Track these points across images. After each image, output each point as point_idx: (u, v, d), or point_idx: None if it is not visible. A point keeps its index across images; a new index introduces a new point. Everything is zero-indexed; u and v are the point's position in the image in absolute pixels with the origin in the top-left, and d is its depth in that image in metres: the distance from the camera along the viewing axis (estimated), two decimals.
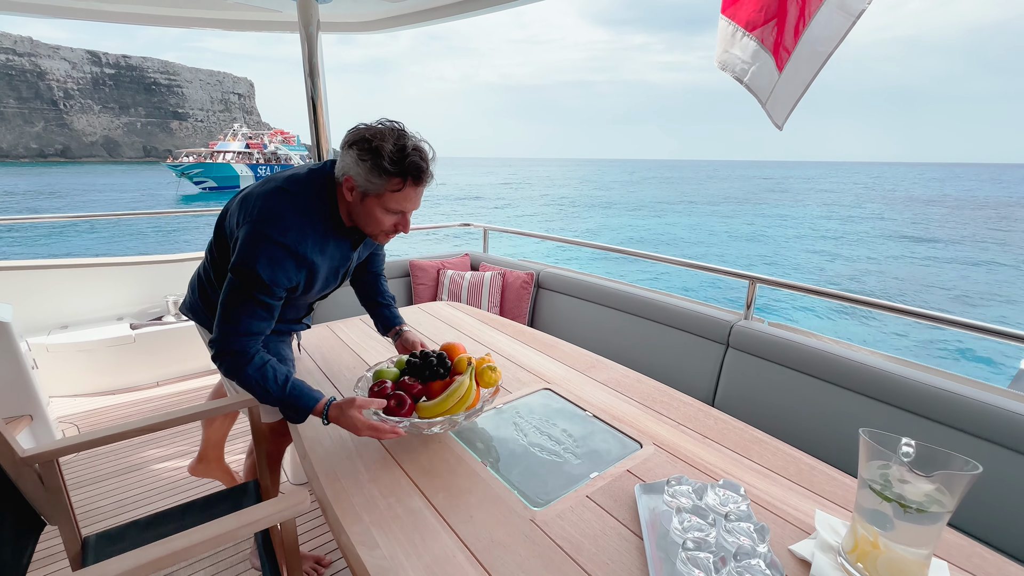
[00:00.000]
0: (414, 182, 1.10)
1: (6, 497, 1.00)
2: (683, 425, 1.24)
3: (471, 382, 1.13)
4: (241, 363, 1.08)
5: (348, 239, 1.26)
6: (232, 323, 1.08)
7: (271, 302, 1.11)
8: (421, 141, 1.12)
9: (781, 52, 1.34)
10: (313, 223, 1.14)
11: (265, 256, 1.07)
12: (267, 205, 1.11)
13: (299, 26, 2.43)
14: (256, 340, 1.12)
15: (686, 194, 47.90)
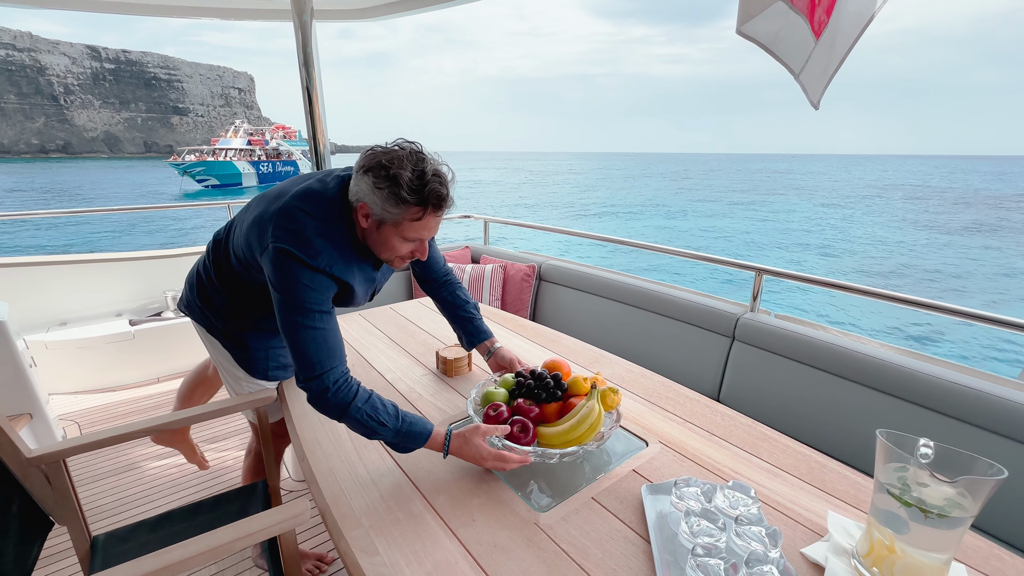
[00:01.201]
0: (434, 210, 1.03)
1: (12, 498, 0.99)
2: (689, 422, 1.21)
3: (600, 407, 1.03)
4: (345, 399, 0.98)
5: (369, 261, 1.18)
6: (309, 356, 1.00)
7: (326, 312, 1.05)
8: (441, 164, 1.04)
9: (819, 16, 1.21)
10: (340, 248, 1.07)
11: (303, 281, 1.01)
12: (292, 229, 1.03)
13: (292, 14, 2.38)
14: (342, 361, 1.04)
15: (711, 191, 47.40)
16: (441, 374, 1.46)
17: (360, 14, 2.85)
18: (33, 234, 20.32)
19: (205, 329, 1.37)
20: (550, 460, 0.98)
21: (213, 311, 1.33)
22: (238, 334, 1.34)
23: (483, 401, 1.12)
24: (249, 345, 1.35)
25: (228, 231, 1.28)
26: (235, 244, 1.19)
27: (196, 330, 1.42)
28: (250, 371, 1.37)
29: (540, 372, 1.13)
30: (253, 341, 1.36)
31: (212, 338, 1.37)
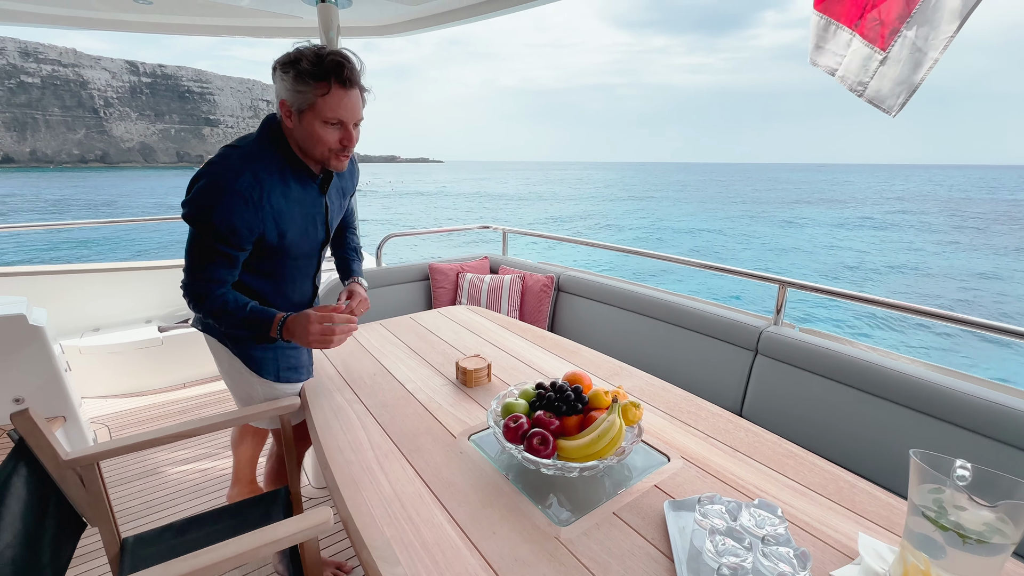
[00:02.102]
0: (339, 82, 1.11)
1: (50, 499, 1.02)
2: (712, 437, 1.19)
3: (621, 421, 1.02)
4: (204, 300, 1.18)
5: (313, 182, 1.28)
6: (197, 271, 1.17)
7: (233, 253, 1.17)
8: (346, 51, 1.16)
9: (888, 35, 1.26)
10: (268, 168, 1.17)
11: (221, 206, 1.10)
12: (218, 159, 1.16)
13: (320, 31, 2.46)
14: (221, 286, 1.19)
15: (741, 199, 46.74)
16: (460, 384, 1.46)
17: (383, 30, 2.93)
18: (69, 241, 21.16)
19: (216, 339, 1.39)
20: (570, 474, 0.97)
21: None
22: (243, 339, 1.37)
23: (503, 412, 1.12)
24: (252, 343, 1.38)
25: None
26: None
27: (210, 346, 1.43)
28: (261, 373, 1.39)
29: (561, 384, 1.13)
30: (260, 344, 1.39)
31: (223, 347, 1.38)
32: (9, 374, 2.12)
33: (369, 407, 1.32)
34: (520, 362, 1.64)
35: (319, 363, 1.62)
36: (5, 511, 0.89)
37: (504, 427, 1.05)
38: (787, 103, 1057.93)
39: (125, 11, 2.49)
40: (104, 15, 2.53)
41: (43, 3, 2.38)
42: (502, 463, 1.08)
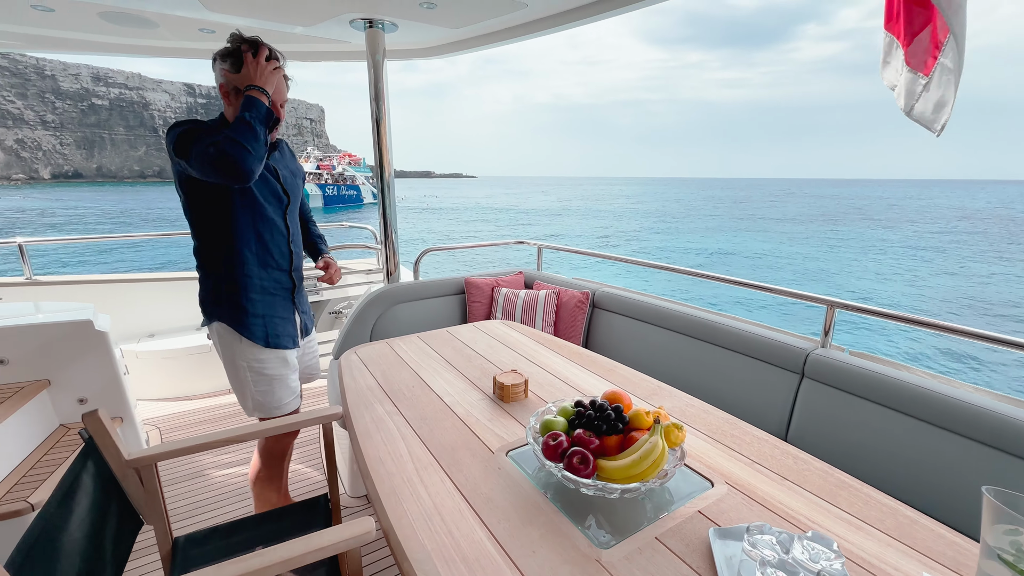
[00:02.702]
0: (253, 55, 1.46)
1: (113, 496, 1.08)
2: (758, 463, 1.15)
3: (664, 443, 1.00)
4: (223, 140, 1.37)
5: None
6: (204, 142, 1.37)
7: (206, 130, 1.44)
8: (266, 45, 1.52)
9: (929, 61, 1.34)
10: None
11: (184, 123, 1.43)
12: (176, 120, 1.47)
13: (367, 54, 2.57)
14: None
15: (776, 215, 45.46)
16: (497, 399, 1.47)
17: (425, 52, 3.03)
18: (129, 252, 22.56)
19: (209, 319, 1.62)
20: (610, 495, 0.96)
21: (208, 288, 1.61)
22: (235, 302, 1.58)
23: (542, 429, 1.12)
24: (248, 311, 1.59)
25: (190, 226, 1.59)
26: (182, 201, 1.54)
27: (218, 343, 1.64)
28: (252, 338, 1.59)
29: (600, 403, 1.11)
30: (251, 307, 1.60)
31: (217, 325, 1.60)
32: (75, 375, 2.26)
33: (408, 419, 1.34)
34: (556, 379, 1.63)
35: (359, 373, 1.66)
36: (75, 505, 0.95)
37: (543, 444, 1.05)
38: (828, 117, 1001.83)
39: (192, 40, 2.68)
40: (174, 44, 2.74)
41: (122, 34, 2.60)
42: (540, 480, 1.07)
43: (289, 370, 1.70)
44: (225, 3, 2.16)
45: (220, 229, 1.53)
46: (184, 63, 66.99)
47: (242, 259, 1.57)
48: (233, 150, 1.35)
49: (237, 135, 1.37)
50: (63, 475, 0.97)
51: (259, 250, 1.59)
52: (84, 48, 2.84)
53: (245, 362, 1.61)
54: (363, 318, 2.51)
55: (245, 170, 1.37)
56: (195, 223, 1.55)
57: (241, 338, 1.59)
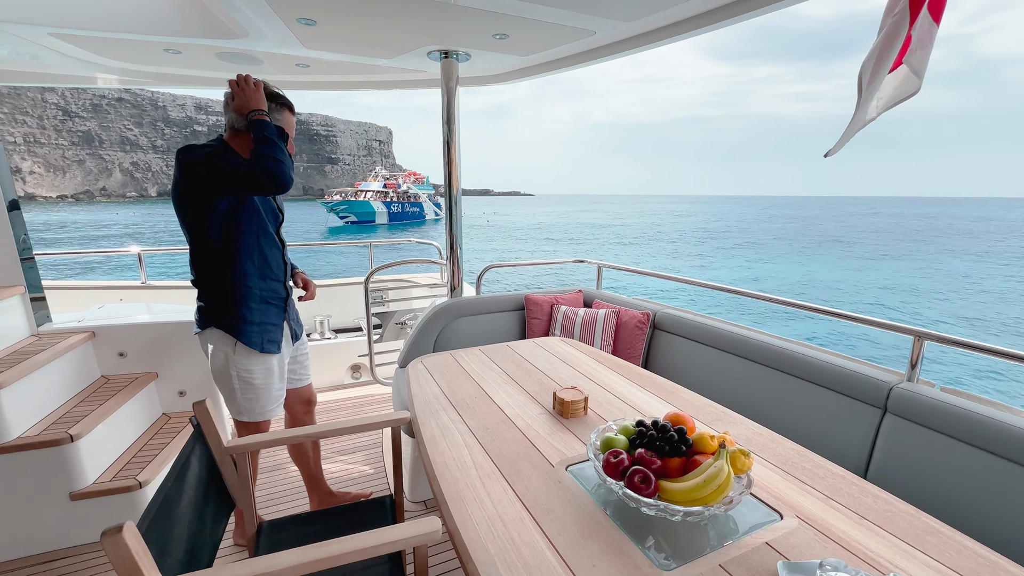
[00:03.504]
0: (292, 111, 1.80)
1: (213, 479, 1.22)
2: (833, 499, 1.09)
3: (729, 468, 0.99)
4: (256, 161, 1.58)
5: None
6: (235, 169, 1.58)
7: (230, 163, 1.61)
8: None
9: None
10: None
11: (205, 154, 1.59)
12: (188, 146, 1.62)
13: (441, 82, 2.74)
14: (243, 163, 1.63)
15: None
16: (557, 415, 1.49)
17: (495, 79, 3.18)
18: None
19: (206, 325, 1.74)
20: (672, 517, 0.95)
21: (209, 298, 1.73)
22: (236, 311, 1.72)
23: (603, 447, 1.13)
24: (246, 319, 1.73)
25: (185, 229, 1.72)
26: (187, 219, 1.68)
27: (200, 342, 1.80)
28: (249, 344, 1.73)
29: (663, 424, 1.11)
30: (249, 315, 1.73)
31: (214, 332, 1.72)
32: (177, 370, 2.54)
33: (472, 428, 1.40)
34: (616, 398, 1.63)
35: (425, 381, 1.75)
36: (185, 483, 1.08)
37: (604, 461, 1.06)
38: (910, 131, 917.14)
39: (289, 73, 3.01)
40: (274, 77, 3.08)
41: (232, 71, 2.95)
42: (600, 497, 1.08)
43: (274, 379, 1.83)
44: (320, 42, 2.41)
45: (226, 243, 1.68)
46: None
47: (245, 271, 1.72)
48: (272, 164, 1.57)
49: (268, 150, 1.57)
50: (177, 455, 1.10)
51: (260, 263, 1.76)
52: (200, 83, 3.26)
53: (235, 371, 1.74)
54: (428, 330, 2.62)
55: (285, 179, 1.60)
56: (200, 238, 1.68)
57: (236, 344, 1.72)
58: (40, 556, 1.92)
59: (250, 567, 0.86)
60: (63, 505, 1.92)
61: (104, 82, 3.21)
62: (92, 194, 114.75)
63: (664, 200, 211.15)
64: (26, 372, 1.94)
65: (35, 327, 2.32)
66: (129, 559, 0.76)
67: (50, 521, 1.92)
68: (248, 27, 2.19)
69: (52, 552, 1.94)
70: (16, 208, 2.22)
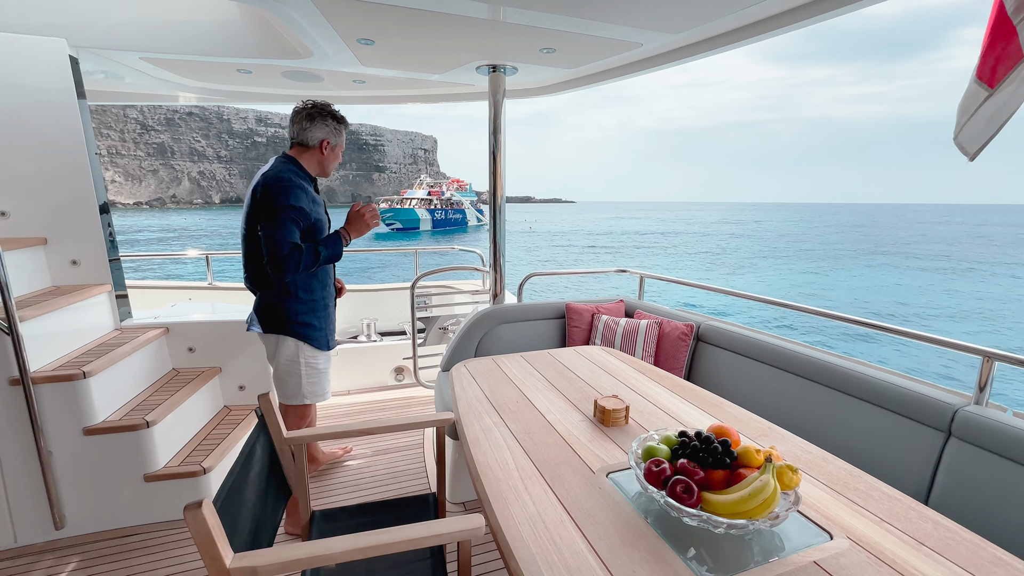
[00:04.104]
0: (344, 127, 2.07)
1: (275, 467, 1.32)
2: (888, 523, 1.05)
3: (776, 483, 0.97)
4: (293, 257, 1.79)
5: (312, 185, 2.00)
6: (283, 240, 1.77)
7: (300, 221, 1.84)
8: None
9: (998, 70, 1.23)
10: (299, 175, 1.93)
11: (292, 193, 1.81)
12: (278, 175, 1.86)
13: (489, 95, 2.82)
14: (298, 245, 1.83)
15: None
16: (598, 423, 1.50)
17: (541, 91, 3.24)
18: None
19: (279, 335, 1.98)
20: (716, 529, 0.95)
21: (281, 311, 1.96)
22: (306, 322, 1.99)
23: (644, 455, 1.14)
24: (313, 325, 2.02)
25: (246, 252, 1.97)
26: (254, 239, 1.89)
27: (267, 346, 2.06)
28: (319, 347, 2.05)
29: (707, 435, 1.11)
30: (317, 323, 2.03)
31: (287, 339, 1.98)
32: (238, 366, 2.72)
33: (513, 431, 1.43)
34: (658, 408, 1.62)
35: (468, 385, 1.80)
36: (251, 469, 1.18)
37: (646, 470, 1.07)
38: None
39: (347, 89, 3.19)
40: (332, 93, 3.28)
41: (294, 87, 3.17)
42: (640, 505, 1.09)
43: (330, 366, 2.17)
44: (377, 60, 2.55)
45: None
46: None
47: (311, 285, 2.00)
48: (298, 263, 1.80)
49: (307, 259, 1.83)
50: (244, 442, 1.20)
51: (322, 273, 2.06)
52: (267, 100, 3.50)
53: (304, 360, 2.03)
54: (470, 335, 2.69)
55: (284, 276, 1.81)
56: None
57: (306, 348, 2.02)
58: (118, 531, 2.10)
59: (309, 549, 0.93)
60: (138, 485, 2.10)
61: (183, 99, 3.52)
62: (164, 201, 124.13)
63: (711, 207, 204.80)
64: (111, 363, 2.14)
65: (119, 322, 2.56)
66: (206, 532, 0.85)
67: (127, 499, 2.11)
68: (313, 48, 2.35)
69: (128, 528, 2.12)
70: (106, 212, 2.47)
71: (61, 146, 2.30)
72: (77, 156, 2.32)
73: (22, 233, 2.30)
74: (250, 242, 1.92)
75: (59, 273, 2.41)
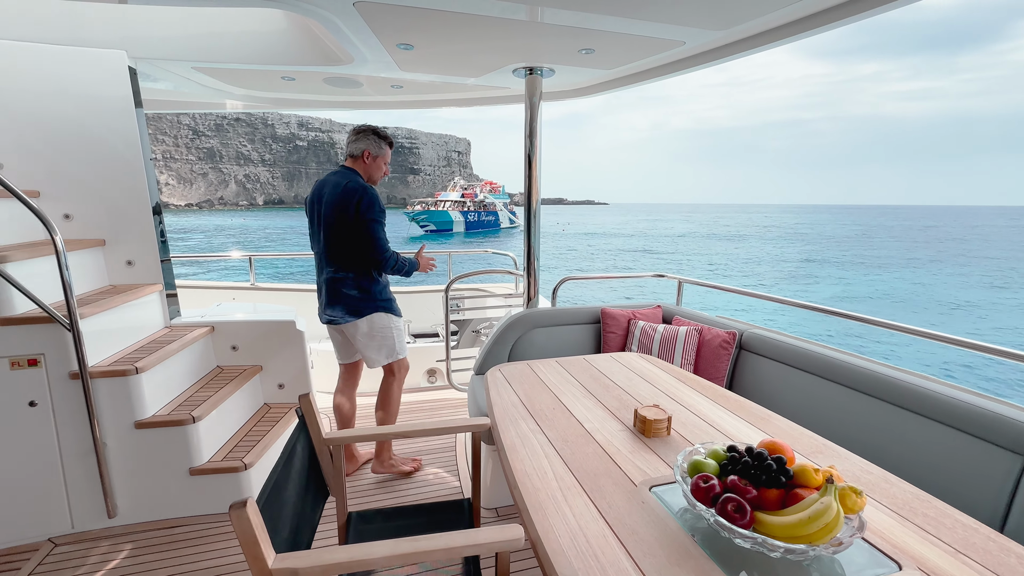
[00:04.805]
0: (390, 146, 2.44)
1: (314, 467, 1.33)
2: (963, 554, 0.96)
3: (839, 506, 0.90)
4: (393, 257, 2.36)
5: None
6: (386, 243, 2.33)
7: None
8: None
9: None
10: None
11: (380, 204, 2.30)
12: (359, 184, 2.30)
13: (525, 97, 2.81)
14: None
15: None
16: (638, 432, 1.45)
17: (577, 93, 3.20)
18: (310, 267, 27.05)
19: (358, 318, 2.39)
20: (772, 553, 0.89)
21: (369, 295, 2.39)
22: (387, 297, 2.48)
23: (691, 470, 1.08)
24: (391, 299, 2.50)
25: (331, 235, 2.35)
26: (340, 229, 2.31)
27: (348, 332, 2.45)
28: (398, 315, 2.53)
29: (759, 451, 1.04)
30: (391, 297, 2.50)
31: (379, 314, 2.42)
32: (278, 364, 2.80)
33: (551, 439, 1.40)
34: (701, 420, 1.56)
35: (504, 389, 1.78)
36: (292, 469, 1.19)
37: (693, 485, 1.02)
38: None
39: (385, 94, 3.25)
40: (371, 98, 3.34)
41: (335, 93, 3.25)
42: (687, 522, 1.04)
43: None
44: (416, 65, 2.58)
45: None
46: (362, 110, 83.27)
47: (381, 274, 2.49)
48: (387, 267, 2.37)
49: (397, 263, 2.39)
50: (286, 442, 1.22)
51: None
52: (310, 105, 3.61)
53: (394, 328, 2.50)
54: (503, 339, 2.67)
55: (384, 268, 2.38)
56: (358, 253, 2.33)
57: (393, 317, 2.49)
58: (164, 522, 2.19)
59: (349, 553, 0.93)
60: (184, 479, 2.18)
61: (231, 106, 3.66)
62: (212, 203, 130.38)
63: (754, 210, 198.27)
64: (161, 359, 2.23)
65: (168, 320, 2.67)
66: (250, 531, 0.85)
67: (173, 492, 2.19)
68: (354, 54, 2.40)
69: (174, 519, 2.20)
70: (158, 215, 2.59)
71: (119, 152, 2.42)
72: (134, 162, 2.45)
73: (83, 235, 2.44)
74: (339, 234, 2.31)
75: (115, 273, 2.54)
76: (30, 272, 1.96)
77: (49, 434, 2.00)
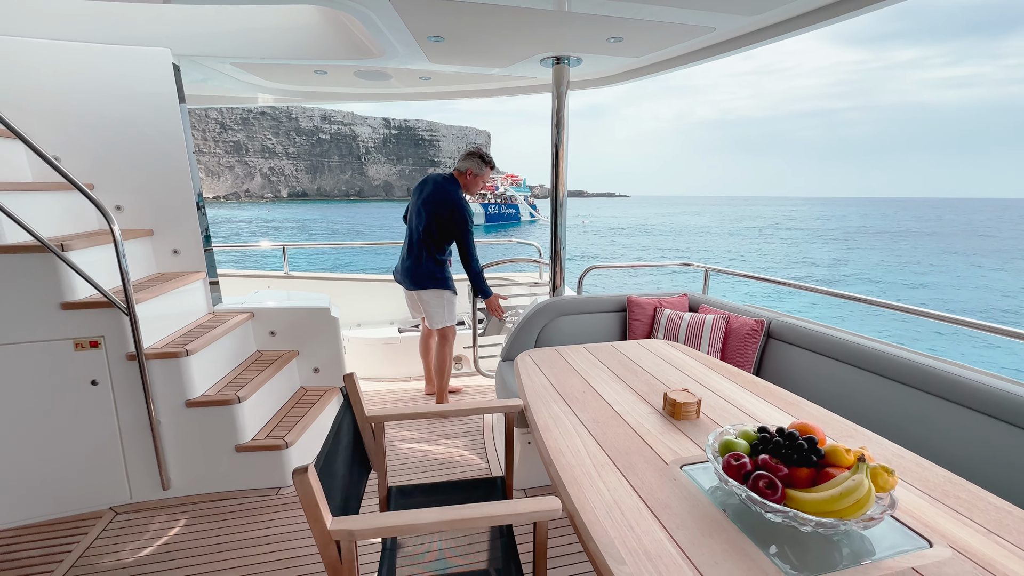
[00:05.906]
0: (491, 168, 3.03)
1: (358, 443, 1.41)
2: (995, 534, 0.97)
3: (871, 484, 0.93)
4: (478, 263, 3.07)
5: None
6: (473, 254, 3.03)
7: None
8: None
9: None
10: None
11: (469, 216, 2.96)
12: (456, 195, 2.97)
13: (552, 87, 2.82)
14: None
15: None
16: (667, 416, 1.49)
17: (604, 81, 3.19)
18: (342, 257, 27.61)
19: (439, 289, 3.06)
20: (802, 527, 0.92)
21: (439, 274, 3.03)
22: (448, 275, 3.08)
23: (721, 449, 1.12)
24: (450, 278, 3.10)
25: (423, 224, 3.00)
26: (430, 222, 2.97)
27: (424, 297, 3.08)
28: (455, 292, 3.13)
29: (790, 431, 1.07)
30: (451, 276, 3.10)
31: (444, 290, 3.07)
32: (314, 349, 2.91)
33: (582, 420, 1.45)
34: (730, 404, 1.58)
35: (534, 373, 1.83)
36: (340, 442, 1.27)
37: (724, 463, 1.05)
38: None
39: (413, 86, 3.30)
40: (399, 90, 3.40)
41: (365, 86, 3.32)
42: (718, 499, 1.07)
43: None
44: (445, 56, 2.62)
45: (450, 244, 3.06)
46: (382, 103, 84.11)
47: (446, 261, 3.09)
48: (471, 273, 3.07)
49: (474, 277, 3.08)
50: (322, 420, 1.29)
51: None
52: (340, 99, 3.70)
53: (451, 299, 3.12)
54: (530, 326, 2.72)
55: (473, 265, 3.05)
56: (442, 240, 3.01)
57: (451, 293, 3.11)
58: (213, 495, 2.33)
59: (399, 518, 1.00)
60: (231, 455, 2.31)
61: (262, 100, 3.78)
62: (238, 195, 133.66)
63: (782, 202, 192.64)
64: (208, 343, 2.36)
65: (211, 306, 2.81)
66: (311, 495, 0.93)
67: (221, 467, 2.33)
68: (385, 46, 2.45)
69: (222, 492, 2.34)
70: (200, 206, 2.71)
71: (165, 146, 2.54)
72: (178, 155, 2.57)
73: (133, 225, 2.58)
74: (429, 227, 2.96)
75: (163, 261, 2.68)
76: (88, 260, 2.09)
77: (109, 411, 2.15)
